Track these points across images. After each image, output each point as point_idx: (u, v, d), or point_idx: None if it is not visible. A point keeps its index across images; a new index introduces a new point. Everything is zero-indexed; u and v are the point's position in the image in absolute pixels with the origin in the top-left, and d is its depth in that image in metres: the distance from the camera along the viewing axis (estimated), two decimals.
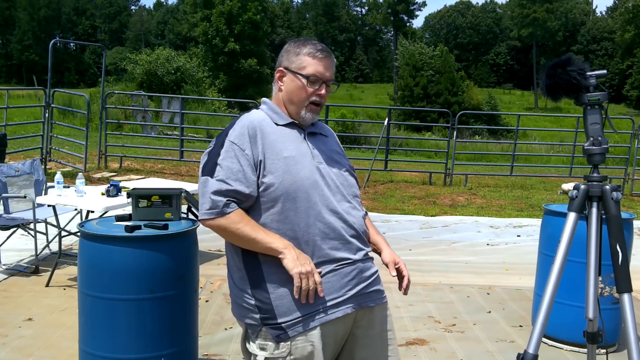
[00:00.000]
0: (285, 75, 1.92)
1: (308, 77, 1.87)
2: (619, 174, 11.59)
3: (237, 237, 1.80)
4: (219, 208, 1.78)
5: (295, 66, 1.89)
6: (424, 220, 7.98)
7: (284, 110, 1.93)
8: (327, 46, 1.98)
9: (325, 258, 1.84)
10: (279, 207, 1.82)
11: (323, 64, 1.89)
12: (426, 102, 37.43)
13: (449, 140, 11.53)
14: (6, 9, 61.23)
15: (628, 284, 2.06)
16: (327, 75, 1.90)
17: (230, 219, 1.78)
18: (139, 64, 27.42)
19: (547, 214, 3.90)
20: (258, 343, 1.84)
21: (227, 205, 1.78)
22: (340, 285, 1.86)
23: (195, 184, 5.98)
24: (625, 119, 15.81)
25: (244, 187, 1.79)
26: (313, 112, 1.91)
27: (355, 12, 76.77)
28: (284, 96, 1.93)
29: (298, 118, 1.92)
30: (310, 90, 1.88)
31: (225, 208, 1.78)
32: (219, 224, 1.80)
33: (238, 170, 1.79)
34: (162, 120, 18.74)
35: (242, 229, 1.78)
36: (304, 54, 1.89)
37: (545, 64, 2.32)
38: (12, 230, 5.02)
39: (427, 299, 4.63)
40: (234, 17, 41.85)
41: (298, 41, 1.95)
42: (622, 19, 53.57)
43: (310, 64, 1.88)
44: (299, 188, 1.82)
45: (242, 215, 1.80)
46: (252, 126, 1.85)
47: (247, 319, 1.87)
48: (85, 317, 2.76)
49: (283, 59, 1.93)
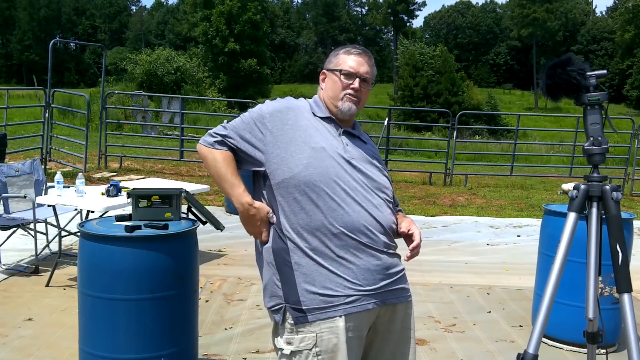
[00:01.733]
0: (326, 76, 2.05)
1: (341, 70, 1.98)
2: (619, 174, 11.59)
3: (212, 172, 1.98)
4: (211, 139, 1.98)
5: (333, 65, 2.03)
6: (424, 220, 7.98)
7: (325, 105, 2.04)
8: (327, 46, 2.03)
9: (350, 249, 1.87)
10: (301, 195, 1.86)
11: (358, 60, 2.00)
12: (426, 102, 37.40)
13: (449, 140, 11.53)
14: (6, 9, 61.19)
15: (628, 284, 2.06)
16: (361, 71, 1.99)
17: (214, 154, 1.96)
18: (139, 64, 27.44)
19: (547, 214, 3.90)
20: (285, 338, 1.89)
21: (219, 142, 1.97)
22: (364, 278, 1.87)
23: (195, 184, 5.98)
24: (625, 119, 15.82)
25: (237, 139, 1.96)
26: (350, 101, 1.99)
27: (355, 12, 76.74)
28: (324, 94, 2.05)
29: (336, 111, 2.00)
30: (345, 83, 1.98)
31: (216, 144, 1.97)
32: (204, 153, 1.99)
33: (243, 129, 1.96)
34: (162, 120, 18.74)
35: (218, 166, 1.95)
36: (341, 53, 2.03)
37: (545, 64, 2.33)
38: (12, 230, 5.02)
39: (427, 299, 4.63)
40: (234, 17, 41.84)
41: (341, 46, 2.09)
42: (622, 19, 53.55)
43: (345, 60, 2.00)
44: (321, 180, 1.86)
45: (226, 157, 1.96)
46: (287, 106, 1.98)
47: (273, 301, 1.92)
48: (85, 317, 2.76)
49: (325, 64, 2.07)
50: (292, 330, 1.88)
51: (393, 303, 1.96)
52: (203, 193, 7.28)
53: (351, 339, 1.86)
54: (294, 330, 1.87)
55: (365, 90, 2.01)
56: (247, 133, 1.95)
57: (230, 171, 1.94)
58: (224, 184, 1.96)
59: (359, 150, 1.99)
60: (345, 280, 1.85)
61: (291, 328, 1.88)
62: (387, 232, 1.94)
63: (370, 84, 2.02)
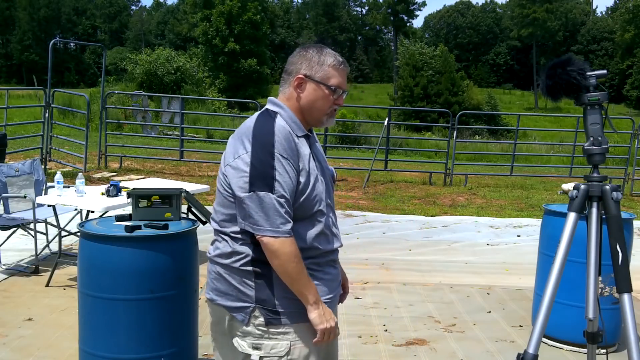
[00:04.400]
0: (306, 83, 1.89)
1: (334, 88, 1.89)
2: (619, 174, 11.59)
3: (285, 267, 1.76)
4: (285, 227, 1.74)
5: (320, 77, 1.88)
6: (424, 220, 7.98)
7: (300, 118, 1.91)
8: (327, 46, 2.00)
9: (329, 263, 1.94)
10: (307, 221, 1.85)
11: (344, 74, 1.94)
12: (426, 102, 37.42)
13: (449, 140, 11.53)
14: (6, 9, 61.20)
15: (628, 284, 2.06)
16: (344, 85, 1.96)
17: (292, 248, 1.75)
18: (139, 64, 27.45)
19: (547, 214, 3.90)
20: (251, 342, 1.83)
21: (290, 225, 1.75)
22: (333, 288, 1.95)
23: (195, 184, 5.98)
24: (625, 119, 15.83)
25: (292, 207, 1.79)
26: (332, 116, 1.96)
27: (355, 12, 76.75)
28: (303, 104, 1.90)
29: (316, 124, 1.95)
30: (332, 100, 1.91)
31: (291, 230, 1.75)
32: (281, 245, 1.73)
33: (292, 189, 1.77)
34: (162, 120, 18.74)
35: (295, 264, 1.76)
36: (328, 65, 1.89)
37: (545, 64, 2.33)
38: (12, 230, 5.02)
39: (427, 299, 4.63)
40: (234, 17, 41.87)
41: (316, 49, 1.93)
42: (622, 19, 53.58)
43: (335, 75, 1.90)
44: (319, 204, 1.86)
45: (297, 249, 1.77)
46: (291, 138, 1.81)
47: (239, 302, 1.84)
48: (85, 317, 2.76)
49: (302, 66, 1.89)
50: (261, 334, 1.82)
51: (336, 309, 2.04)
52: (203, 193, 7.28)
53: (322, 347, 1.88)
54: (263, 334, 1.82)
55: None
56: (294, 187, 1.79)
57: (302, 264, 1.80)
58: (296, 285, 1.79)
59: (320, 161, 1.96)
60: (324, 291, 1.90)
61: (260, 331, 1.82)
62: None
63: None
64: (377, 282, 4.89)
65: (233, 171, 1.78)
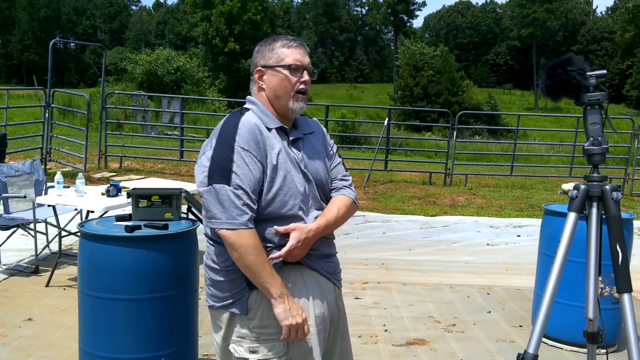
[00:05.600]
0: (265, 73, 1.89)
1: (289, 66, 1.86)
2: (619, 174, 11.59)
3: (243, 260, 1.73)
4: (242, 219, 1.72)
5: (274, 61, 1.88)
6: (424, 220, 7.98)
7: (271, 110, 1.89)
8: (327, 46, 1.99)
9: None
10: (282, 222, 1.82)
11: (299, 52, 1.88)
12: (426, 102, 37.42)
13: (449, 140, 11.53)
14: (6, 9, 61.21)
15: (628, 284, 2.06)
16: (305, 62, 1.90)
17: (250, 240, 1.72)
18: (139, 64, 27.42)
19: (547, 214, 3.90)
20: (248, 346, 1.82)
21: (247, 217, 1.73)
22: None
23: (195, 184, 5.97)
24: (625, 119, 15.82)
25: (254, 199, 1.76)
26: (301, 100, 1.89)
27: (355, 12, 76.74)
28: (268, 94, 1.89)
29: (287, 111, 1.88)
30: (294, 80, 1.86)
31: (248, 221, 1.72)
32: (239, 237, 1.71)
33: (253, 181, 1.75)
34: (162, 120, 18.74)
35: (255, 256, 1.72)
36: (278, 47, 1.89)
37: (545, 64, 2.33)
38: (12, 230, 5.02)
39: (427, 299, 4.63)
40: (234, 17, 41.86)
41: (267, 40, 1.95)
42: (622, 19, 53.57)
43: (287, 54, 1.87)
44: (290, 201, 1.82)
45: (258, 241, 1.74)
46: (258, 131, 1.79)
47: (233, 298, 1.83)
48: (85, 317, 2.76)
49: (258, 59, 1.92)
50: (257, 336, 1.80)
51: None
52: None
53: (321, 342, 1.88)
54: (260, 337, 1.80)
55: (310, 79, 1.90)
56: (258, 180, 1.77)
57: (265, 258, 1.75)
58: (258, 279, 1.75)
59: (307, 156, 1.91)
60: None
61: (257, 333, 1.80)
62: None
63: (313, 75, 1.92)
64: (377, 282, 4.88)
65: (197, 168, 1.82)
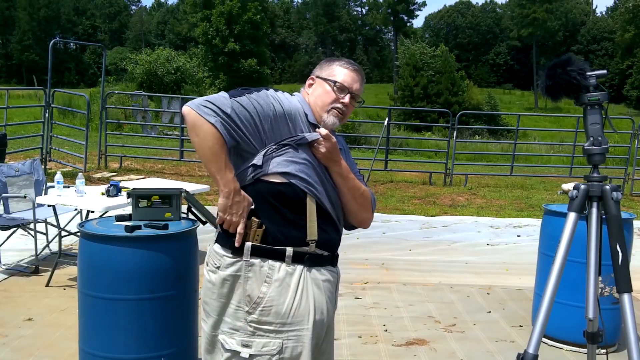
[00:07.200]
0: (315, 82, 2.01)
1: (335, 82, 1.95)
2: (619, 174, 11.59)
3: (201, 146, 1.79)
4: (210, 114, 1.77)
5: (326, 74, 1.99)
6: (424, 220, 7.98)
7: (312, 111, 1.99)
8: (327, 46, 2.04)
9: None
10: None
11: (352, 76, 1.98)
12: (426, 102, 37.38)
13: (449, 140, 11.53)
14: (6, 9, 61.21)
15: (628, 284, 2.06)
16: (354, 87, 1.98)
17: (213, 130, 1.76)
18: (139, 64, 27.44)
19: (547, 214, 3.90)
20: (241, 340, 1.82)
21: (218, 117, 1.77)
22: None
23: (195, 184, 5.98)
24: (625, 119, 15.79)
25: (238, 125, 1.80)
26: (335, 116, 1.96)
27: (355, 12, 76.70)
28: (310, 100, 1.99)
29: (319, 119, 1.96)
30: (335, 96, 1.95)
31: (215, 117, 1.77)
32: (202, 124, 1.76)
33: (248, 115, 1.81)
34: (162, 120, 18.74)
35: (212, 144, 1.77)
36: (336, 65, 2.00)
37: (545, 64, 2.33)
38: (12, 230, 5.02)
39: (427, 299, 4.63)
40: (234, 17, 41.79)
41: (333, 57, 2.11)
42: (622, 19, 53.50)
43: (340, 73, 1.97)
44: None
45: (221, 142, 1.78)
46: (299, 113, 1.90)
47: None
48: (85, 317, 2.76)
49: (315, 70, 2.04)
50: (253, 331, 1.82)
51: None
52: (203, 193, 7.28)
53: (316, 347, 1.88)
54: (255, 332, 1.81)
55: (352, 107, 2.00)
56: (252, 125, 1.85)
57: (223, 156, 1.81)
58: (215, 163, 1.80)
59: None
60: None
61: (253, 328, 1.82)
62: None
63: (357, 102, 2.02)
64: (377, 282, 4.87)
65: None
